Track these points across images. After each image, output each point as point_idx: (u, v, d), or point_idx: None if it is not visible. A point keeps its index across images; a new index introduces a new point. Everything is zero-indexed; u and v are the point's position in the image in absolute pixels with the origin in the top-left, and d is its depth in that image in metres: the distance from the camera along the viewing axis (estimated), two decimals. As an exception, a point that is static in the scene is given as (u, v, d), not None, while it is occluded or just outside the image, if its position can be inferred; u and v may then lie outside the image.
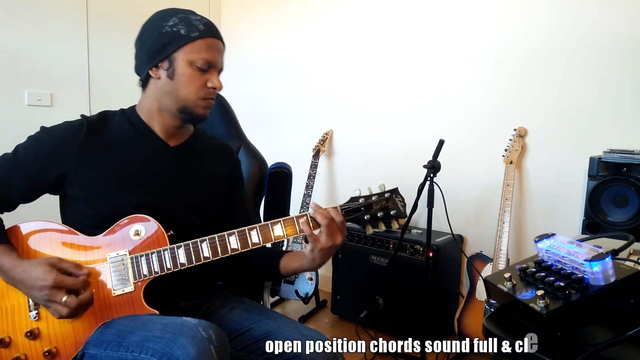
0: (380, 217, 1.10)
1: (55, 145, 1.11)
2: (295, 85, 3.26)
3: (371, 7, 2.85)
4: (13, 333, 1.04)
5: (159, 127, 1.20)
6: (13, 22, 2.60)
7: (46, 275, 0.99)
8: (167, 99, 1.14)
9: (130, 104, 1.27)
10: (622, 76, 2.07)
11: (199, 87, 1.12)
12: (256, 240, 1.08)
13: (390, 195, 1.13)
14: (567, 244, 0.87)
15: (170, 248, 1.08)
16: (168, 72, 1.12)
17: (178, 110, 1.15)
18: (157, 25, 1.13)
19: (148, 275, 1.07)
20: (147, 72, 1.14)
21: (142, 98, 1.21)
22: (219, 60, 1.15)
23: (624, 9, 2.05)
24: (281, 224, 1.09)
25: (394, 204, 1.12)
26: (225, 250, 1.08)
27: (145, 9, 1.26)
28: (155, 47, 1.12)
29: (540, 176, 2.32)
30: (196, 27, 1.11)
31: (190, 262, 1.07)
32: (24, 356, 1.03)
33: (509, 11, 2.36)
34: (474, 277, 2.30)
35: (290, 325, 1.14)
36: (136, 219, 1.10)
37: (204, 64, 1.11)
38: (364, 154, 2.96)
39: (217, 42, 1.15)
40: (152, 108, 1.18)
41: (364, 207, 1.11)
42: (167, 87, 1.13)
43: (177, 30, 1.10)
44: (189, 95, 1.12)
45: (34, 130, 1.18)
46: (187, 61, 1.10)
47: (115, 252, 1.08)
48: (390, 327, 2.41)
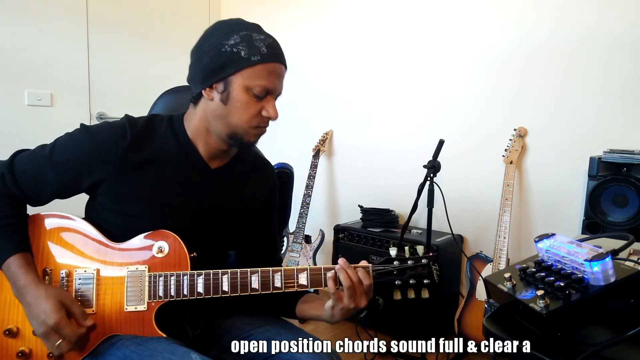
0: (412, 285, 1.05)
1: (95, 152, 1.05)
2: (296, 85, 3.25)
3: (371, 6, 2.85)
4: (22, 324, 1.04)
5: (203, 147, 1.12)
6: (13, 22, 2.60)
7: (52, 313, 0.96)
8: (218, 122, 1.07)
9: (130, 104, 1.26)
10: (622, 76, 2.07)
11: (253, 115, 1.05)
12: (278, 284, 1.04)
13: (428, 263, 1.06)
14: (567, 244, 0.87)
15: (190, 274, 1.04)
16: (222, 96, 1.04)
17: (227, 136, 1.08)
18: (217, 41, 1.03)
19: (163, 298, 1.04)
20: (200, 91, 1.07)
21: (191, 112, 1.12)
22: (278, 87, 1.08)
23: (624, 9, 2.05)
24: (307, 273, 1.05)
25: (429, 272, 1.05)
26: (245, 289, 1.04)
27: (146, 9, 1.25)
28: (212, 66, 1.03)
29: (540, 176, 2.32)
30: (258, 49, 1.02)
31: (207, 293, 1.04)
32: (28, 350, 1.03)
33: (509, 11, 2.36)
34: (474, 277, 2.30)
35: (291, 331, 1.13)
36: (162, 235, 1.07)
37: (261, 92, 1.04)
38: (364, 154, 2.96)
39: (280, 67, 1.08)
40: (199, 127, 1.11)
41: (397, 270, 1.06)
42: (219, 110, 1.05)
43: (237, 52, 1.01)
44: (241, 122, 1.05)
45: (34, 130, 1.17)
46: (244, 86, 1.02)
47: (135, 267, 1.06)
48: (390, 327, 2.41)
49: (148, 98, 1.55)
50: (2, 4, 2.55)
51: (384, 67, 2.83)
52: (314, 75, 3.16)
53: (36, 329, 0.99)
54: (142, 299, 1.05)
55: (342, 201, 3.12)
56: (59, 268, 1.06)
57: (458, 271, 2.56)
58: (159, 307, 1.05)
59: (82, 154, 1.05)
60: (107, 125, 1.09)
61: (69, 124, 1.17)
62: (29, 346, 1.03)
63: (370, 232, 2.54)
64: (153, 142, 1.09)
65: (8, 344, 1.03)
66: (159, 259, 1.06)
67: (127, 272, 1.06)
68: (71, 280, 1.06)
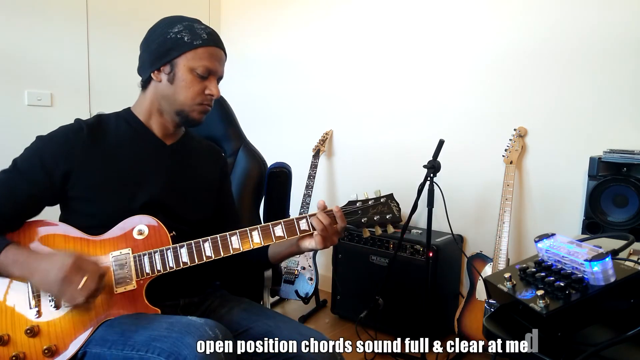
0: (377, 221, 1.16)
1: (58, 147, 1.12)
2: (295, 85, 3.26)
3: (371, 7, 2.85)
4: (12, 331, 1.04)
5: (156, 126, 1.23)
6: (13, 22, 2.60)
7: (68, 256, 1.00)
8: (166, 101, 1.18)
9: (130, 104, 1.28)
10: (622, 76, 2.07)
11: (197, 93, 1.16)
12: (257, 240, 1.11)
13: (386, 200, 1.18)
14: (567, 244, 0.87)
15: (172, 247, 1.10)
16: (169, 77, 1.15)
17: (175, 112, 1.18)
18: (162, 30, 1.16)
19: (150, 274, 1.08)
20: (149, 75, 1.18)
21: (141, 99, 1.23)
22: (219, 69, 1.18)
23: (624, 9, 2.05)
24: (282, 225, 1.12)
25: (390, 208, 1.17)
26: (227, 249, 1.10)
27: (145, 9, 1.28)
28: (159, 51, 1.15)
29: (540, 176, 2.32)
30: (199, 35, 1.15)
31: (192, 261, 1.09)
32: (22, 354, 1.03)
33: (509, 11, 2.36)
34: (474, 277, 2.30)
35: (289, 325, 1.15)
36: (139, 220, 1.12)
37: (204, 71, 1.15)
38: (364, 154, 2.96)
39: (219, 51, 1.19)
40: (151, 109, 1.21)
41: (361, 210, 1.16)
42: (167, 90, 1.16)
43: (181, 37, 1.14)
44: (186, 99, 1.16)
45: (34, 130, 1.18)
46: (188, 67, 1.14)
47: (119, 251, 1.09)
48: (390, 327, 2.41)
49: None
50: (2, 4, 2.55)
51: (384, 67, 2.83)
52: (314, 75, 3.16)
53: (54, 279, 0.98)
54: (131, 278, 1.08)
55: (342, 201, 3.11)
56: None
57: (458, 271, 2.56)
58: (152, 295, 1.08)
59: (46, 154, 1.11)
60: (61, 127, 1.16)
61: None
62: (21, 350, 1.03)
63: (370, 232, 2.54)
64: (107, 130, 1.19)
65: (0, 352, 1.03)
66: (140, 240, 1.11)
67: (111, 257, 1.09)
68: None
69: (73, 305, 1.03)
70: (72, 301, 1.01)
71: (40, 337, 1.04)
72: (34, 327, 1.04)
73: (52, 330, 1.05)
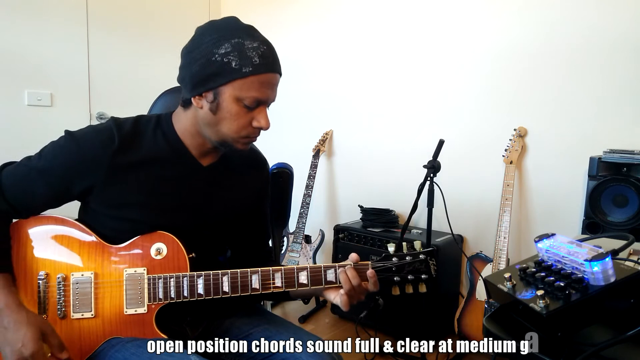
0: (410, 280, 1.06)
1: (83, 158, 1.03)
2: (296, 85, 3.26)
3: (371, 7, 2.85)
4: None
5: (193, 146, 1.11)
6: (13, 21, 2.60)
7: (31, 342, 0.94)
8: (208, 130, 1.06)
9: (130, 104, 1.25)
10: (622, 76, 2.07)
11: (243, 126, 1.03)
12: (279, 284, 1.04)
13: (426, 258, 1.06)
14: (567, 244, 0.87)
15: (190, 275, 1.04)
16: (211, 105, 1.01)
17: (217, 142, 1.07)
18: (207, 49, 0.99)
19: (163, 300, 1.04)
20: (190, 98, 1.05)
21: (182, 114, 1.10)
22: (270, 97, 1.04)
23: (624, 9, 2.05)
24: (307, 273, 1.04)
25: (427, 267, 1.06)
26: (245, 289, 1.04)
27: (145, 9, 1.25)
28: (201, 75, 1.00)
29: (540, 176, 2.32)
30: (250, 59, 0.97)
31: (208, 294, 1.04)
32: None
33: (509, 11, 2.36)
34: (474, 277, 2.30)
35: (290, 330, 1.13)
36: (159, 237, 1.06)
37: (252, 103, 1.01)
38: (364, 154, 2.96)
39: (273, 76, 1.03)
40: (190, 129, 1.09)
41: (395, 267, 1.07)
42: (209, 119, 1.03)
43: (227, 62, 0.97)
44: (230, 132, 1.03)
45: (34, 130, 1.17)
46: (234, 97, 0.99)
47: (133, 269, 1.05)
48: (390, 327, 2.41)
49: (148, 98, 1.54)
50: (2, 4, 2.55)
51: (384, 67, 2.83)
52: (314, 75, 3.16)
53: (8, 355, 0.94)
54: (142, 301, 1.04)
55: (342, 201, 3.12)
56: (55, 272, 1.05)
57: (458, 271, 2.56)
58: (159, 309, 1.05)
59: (70, 161, 1.03)
60: (92, 130, 1.07)
61: (69, 124, 1.16)
62: None
63: (370, 232, 2.54)
64: (142, 143, 1.07)
65: None
66: (157, 260, 1.05)
67: (125, 275, 1.05)
68: (68, 285, 1.04)
69: None
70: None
71: None
72: None
73: None
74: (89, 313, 1.04)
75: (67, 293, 1.04)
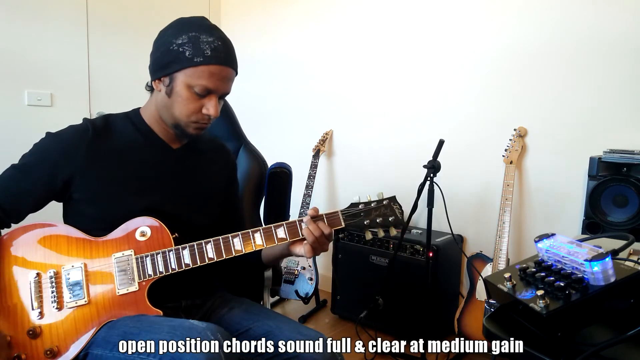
0: (379, 223, 1.15)
1: (63, 148, 1.12)
2: (296, 85, 3.26)
3: (371, 7, 2.86)
4: (14, 331, 1.04)
5: (161, 131, 1.21)
6: (13, 22, 2.60)
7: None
8: (164, 112, 1.17)
9: (130, 104, 1.28)
10: (622, 76, 2.07)
11: (193, 111, 1.13)
12: (259, 242, 1.11)
13: (389, 203, 1.17)
14: (567, 244, 0.87)
15: (175, 249, 1.10)
16: (167, 89, 1.13)
17: (171, 125, 1.17)
18: (167, 39, 1.12)
19: (153, 275, 1.08)
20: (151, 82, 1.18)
21: (148, 103, 1.23)
22: (220, 88, 1.13)
23: (624, 9, 2.05)
24: (284, 227, 1.12)
25: (392, 211, 1.17)
26: (230, 251, 1.10)
27: (145, 9, 1.26)
28: (160, 62, 1.12)
29: (540, 176, 2.32)
30: (203, 51, 1.08)
31: (194, 262, 1.09)
32: (24, 355, 1.03)
33: (509, 12, 2.36)
34: (474, 277, 2.30)
35: (290, 325, 1.15)
36: (142, 221, 1.12)
37: (202, 90, 1.10)
38: (364, 154, 2.96)
39: (224, 69, 1.12)
40: (155, 115, 1.20)
41: (363, 212, 1.15)
42: (164, 102, 1.15)
43: (182, 51, 1.09)
44: (181, 116, 1.14)
45: (34, 130, 1.19)
46: (185, 84, 1.10)
47: (121, 252, 1.10)
48: (390, 327, 2.41)
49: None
50: (2, 4, 2.55)
51: (384, 67, 2.83)
52: (314, 75, 3.16)
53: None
54: (133, 280, 1.08)
55: (342, 201, 3.12)
56: (46, 269, 1.08)
57: (458, 271, 2.56)
58: (154, 297, 1.08)
59: (51, 153, 1.11)
60: (70, 127, 1.16)
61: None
62: (23, 351, 1.04)
63: (370, 232, 2.54)
64: (114, 134, 1.17)
65: None
66: (143, 242, 1.11)
67: (114, 259, 1.09)
68: (59, 277, 1.08)
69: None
70: None
71: (42, 339, 1.04)
72: (35, 328, 1.04)
73: (54, 332, 1.05)
74: (82, 300, 1.07)
75: (59, 286, 1.07)
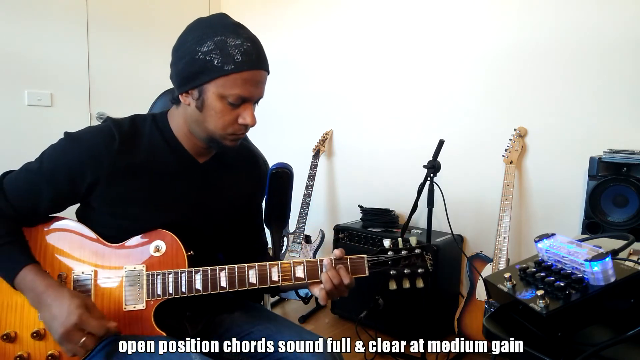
0: (407, 274, 1.07)
1: (85, 156, 1.04)
2: (296, 85, 3.26)
3: (371, 7, 2.85)
4: (19, 328, 1.03)
5: (188, 144, 1.13)
6: (13, 22, 2.60)
7: (76, 309, 0.93)
8: (195, 127, 1.08)
9: (130, 104, 1.26)
10: (622, 76, 2.07)
11: (229, 122, 1.04)
12: (275, 278, 1.06)
13: (421, 252, 1.09)
14: (567, 244, 0.87)
15: (188, 271, 1.05)
16: (197, 103, 1.03)
17: (206, 139, 1.09)
18: (190, 47, 1.01)
19: (161, 296, 1.04)
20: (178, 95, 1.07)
21: (175, 112, 1.12)
22: (254, 94, 1.04)
23: (624, 9, 2.05)
24: (304, 266, 1.06)
25: (423, 261, 1.08)
26: (243, 283, 1.05)
27: (145, 9, 1.24)
28: (186, 73, 1.02)
29: (540, 176, 2.32)
30: (232, 57, 0.98)
31: (206, 289, 1.05)
32: (27, 354, 1.03)
33: (509, 12, 2.36)
34: (474, 277, 2.30)
35: (291, 329, 1.14)
36: (158, 235, 1.07)
37: (236, 100, 1.01)
38: (364, 154, 2.96)
39: (257, 73, 1.03)
40: (182, 127, 1.11)
41: (391, 261, 1.08)
42: (195, 116, 1.05)
43: (210, 60, 0.98)
44: (217, 129, 1.05)
45: (34, 130, 1.17)
46: (218, 95, 1.00)
47: (132, 266, 1.06)
48: (390, 327, 2.41)
49: (148, 97, 1.55)
50: (2, 4, 2.55)
51: (384, 67, 2.83)
52: (314, 75, 3.16)
53: (56, 329, 0.94)
54: (141, 297, 1.05)
55: (342, 201, 3.12)
56: (55, 271, 1.06)
57: (458, 271, 2.56)
58: (158, 306, 1.05)
59: (74, 160, 1.04)
60: (92, 130, 1.08)
61: (69, 124, 1.17)
62: (27, 350, 1.03)
63: (370, 232, 2.54)
64: (141, 143, 1.09)
65: (5, 349, 1.03)
66: (156, 258, 1.06)
67: (124, 272, 1.06)
68: (69, 283, 1.05)
69: None
70: (69, 354, 0.95)
71: (46, 342, 1.03)
72: (40, 330, 1.03)
73: None
74: None
75: None
